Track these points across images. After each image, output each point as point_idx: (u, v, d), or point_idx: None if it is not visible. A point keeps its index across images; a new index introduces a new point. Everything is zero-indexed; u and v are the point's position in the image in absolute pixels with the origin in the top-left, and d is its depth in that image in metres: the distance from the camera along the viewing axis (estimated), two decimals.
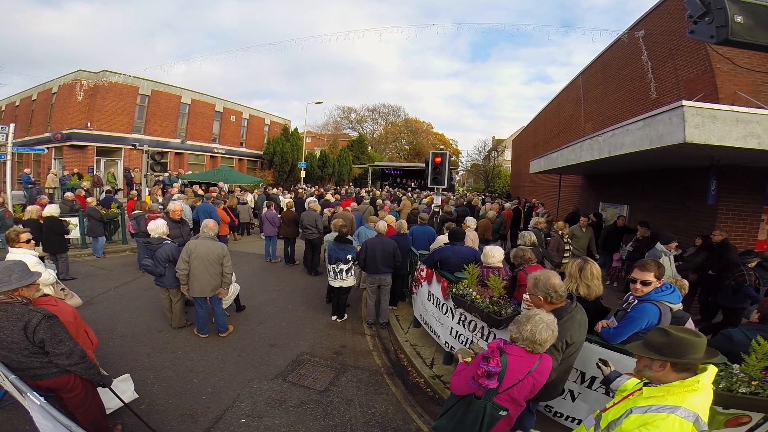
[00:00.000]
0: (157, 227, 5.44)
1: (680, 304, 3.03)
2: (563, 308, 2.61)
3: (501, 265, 4.50)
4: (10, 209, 9.40)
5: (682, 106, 4.55)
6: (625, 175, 10.12)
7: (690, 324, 3.46)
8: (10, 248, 4.49)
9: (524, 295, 3.59)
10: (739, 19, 3.40)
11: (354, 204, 11.98)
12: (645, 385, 1.82)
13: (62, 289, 4.14)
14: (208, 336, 5.22)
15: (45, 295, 3.23)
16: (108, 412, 3.21)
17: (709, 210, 6.84)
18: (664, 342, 1.72)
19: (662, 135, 4.95)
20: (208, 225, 5.19)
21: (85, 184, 14.13)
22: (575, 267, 3.24)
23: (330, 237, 6.58)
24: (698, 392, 1.64)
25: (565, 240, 7.36)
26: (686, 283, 3.88)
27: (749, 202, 6.73)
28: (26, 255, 4.30)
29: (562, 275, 3.09)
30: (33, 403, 2.01)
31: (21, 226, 5.55)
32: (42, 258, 5.45)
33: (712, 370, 1.71)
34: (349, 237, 6.28)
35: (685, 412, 1.59)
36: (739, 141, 4.55)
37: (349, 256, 5.92)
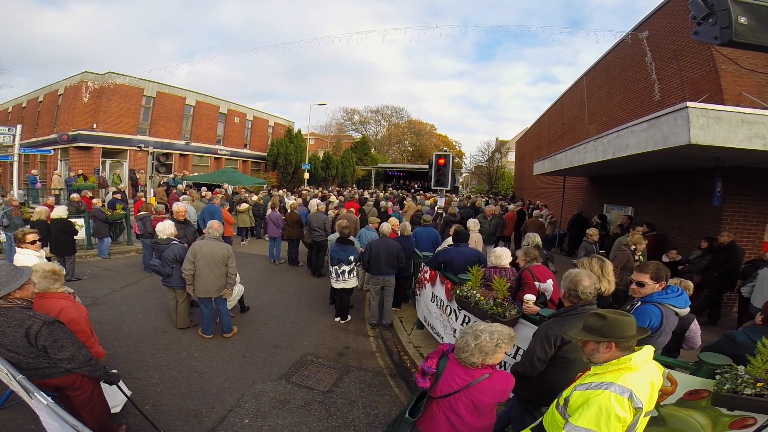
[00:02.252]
0: (165, 228, 5.51)
1: (688, 308, 2.96)
2: (572, 306, 2.58)
3: (508, 266, 4.50)
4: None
5: (687, 107, 4.54)
6: (630, 177, 10.09)
7: (695, 325, 3.44)
8: (17, 248, 4.56)
9: (525, 296, 3.59)
10: (742, 20, 3.39)
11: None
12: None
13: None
14: (212, 337, 5.24)
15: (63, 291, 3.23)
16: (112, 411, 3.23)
17: (714, 211, 6.80)
18: (603, 324, 1.85)
19: (667, 136, 4.94)
20: (213, 226, 5.23)
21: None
22: (596, 264, 3.25)
23: (333, 238, 6.60)
24: (632, 370, 1.76)
25: (636, 258, 5.75)
26: (690, 284, 3.85)
27: (755, 203, 6.68)
28: (30, 255, 4.37)
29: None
30: (40, 402, 2.03)
31: (29, 227, 5.62)
32: (49, 259, 5.51)
33: (646, 350, 1.83)
34: (351, 238, 6.30)
35: (619, 388, 1.69)
36: (744, 142, 4.54)
37: (351, 257, 5.93)
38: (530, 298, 3.51)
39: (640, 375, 1.77)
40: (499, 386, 2.14)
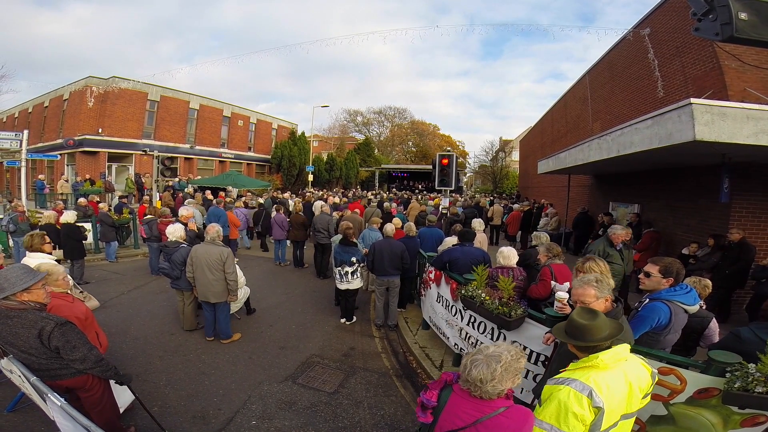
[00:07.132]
0: (175, 231, 5.56)
1: (697, 306, 2.92)
2: (617, 310, 2.42)
3: (515, 265, 4.48)
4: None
5: (691, 103, 4.50)
6: (635, 174, 10.01)
7: (714, 324, 3.38)
8: (27, 252, 4.60)
9: (558, 293, 3.20)
10: (743, 16, 3.36)
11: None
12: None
13: (81, 292, 4.25)
14: (213, 339, 5.26)
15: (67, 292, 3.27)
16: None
17: (721, 208, 6.73)
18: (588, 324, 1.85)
19: (671, 133, 4.91)
20: (209, 230, 5.27)
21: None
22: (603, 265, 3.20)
23: (336, 239, 6.62)
24: (600, 369, 1.74)
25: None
26: (709, 282, 3.75)
27: (764, 199, 6.60)
28: (43, 258, 4.41)
29: None
30: (53, 404, 2.06)
31: (38, 230, 5.69)
32: (59, 261, 5.57)
33: (618, 348, 1.81)
34: (353, 240, 6.31)
35: (580, 385, 1.70)
36: (750, 138, 4.49)
37: (354, 259, 5.94)
38: (564, 296, 3.10)
39: (609, 375, 1.74)
40: (515, 425, 1.66)
